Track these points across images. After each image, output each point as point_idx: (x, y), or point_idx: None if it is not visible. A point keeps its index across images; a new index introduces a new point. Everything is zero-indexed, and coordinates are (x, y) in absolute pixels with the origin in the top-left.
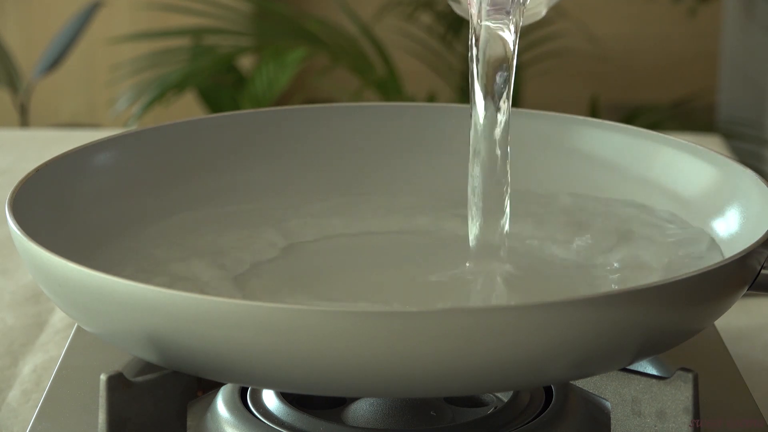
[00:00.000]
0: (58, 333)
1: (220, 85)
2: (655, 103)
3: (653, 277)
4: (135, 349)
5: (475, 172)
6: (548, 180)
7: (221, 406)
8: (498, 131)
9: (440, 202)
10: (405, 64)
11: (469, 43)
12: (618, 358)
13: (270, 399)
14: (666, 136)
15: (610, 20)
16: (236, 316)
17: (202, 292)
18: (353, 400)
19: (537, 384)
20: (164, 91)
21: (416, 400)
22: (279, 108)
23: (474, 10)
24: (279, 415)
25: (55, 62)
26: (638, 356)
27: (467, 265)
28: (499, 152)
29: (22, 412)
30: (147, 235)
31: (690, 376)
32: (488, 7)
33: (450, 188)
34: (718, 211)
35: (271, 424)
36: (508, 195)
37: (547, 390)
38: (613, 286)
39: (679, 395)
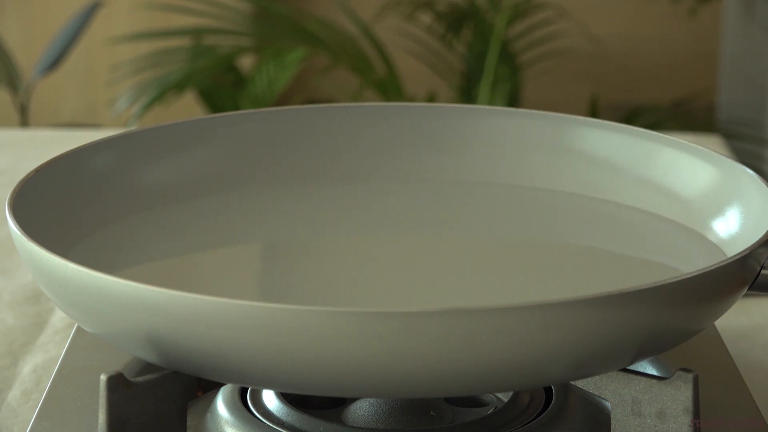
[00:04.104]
0: (58, 333)
1: (220, 85)
2: (655, 103)
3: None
4: (135, 349)
5: None
6: (548, 180)
7: (221, 406)
8: None
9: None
10: (405, 64)
11: None
12: (618, 359)
13: (270, 399)
14: (666, 136)
15: (610, 20)
16: (236, 316)
17: (203, 292)
18: (353, 400)
19: (537, 384)
20: (164, 91)
21: (416, 400)
22: (280, 108)
23: None
24: (279, 415)
25: (55, 62)
26: (638, 356)
27: None
28: None
29: (22, 412)
30: (147, 234)
31: (690, 376)
32: None
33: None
34: (718, 211)
35: (271, 424)
36: None
37: (547, 390)
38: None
39: (679, 395)
